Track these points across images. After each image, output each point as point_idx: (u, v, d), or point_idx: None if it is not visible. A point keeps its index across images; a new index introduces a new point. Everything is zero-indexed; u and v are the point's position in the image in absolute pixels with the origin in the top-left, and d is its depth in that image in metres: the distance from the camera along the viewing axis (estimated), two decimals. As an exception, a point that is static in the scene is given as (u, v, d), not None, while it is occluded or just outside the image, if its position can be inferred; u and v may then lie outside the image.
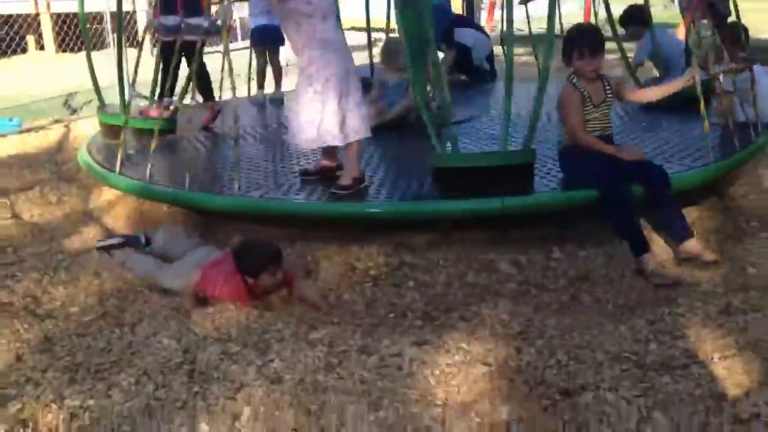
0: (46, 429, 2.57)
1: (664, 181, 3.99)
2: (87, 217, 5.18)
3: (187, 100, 5.41)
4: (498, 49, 9.13)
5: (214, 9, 7.41)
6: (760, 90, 5.20)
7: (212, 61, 6.19)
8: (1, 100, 8.82)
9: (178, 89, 6.05)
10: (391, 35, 7.15)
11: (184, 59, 5.83)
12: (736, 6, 5.83)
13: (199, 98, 6.40)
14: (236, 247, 3.71)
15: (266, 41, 7.67)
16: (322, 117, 4.22)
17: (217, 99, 5.98)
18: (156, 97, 6.33)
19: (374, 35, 8.45)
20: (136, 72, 6.34)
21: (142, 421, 2.59)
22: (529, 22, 8.25)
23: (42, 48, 13.40)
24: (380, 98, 6.09)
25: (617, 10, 7.15)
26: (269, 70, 7.92)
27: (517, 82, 4.68)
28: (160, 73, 6.31)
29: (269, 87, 7.98)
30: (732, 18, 6.08)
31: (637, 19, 7.34)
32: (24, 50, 12.94)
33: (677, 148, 4.91)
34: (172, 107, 6.00)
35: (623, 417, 2.52)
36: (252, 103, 7.61)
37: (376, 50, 7.45)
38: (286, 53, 8.66)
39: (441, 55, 7.13)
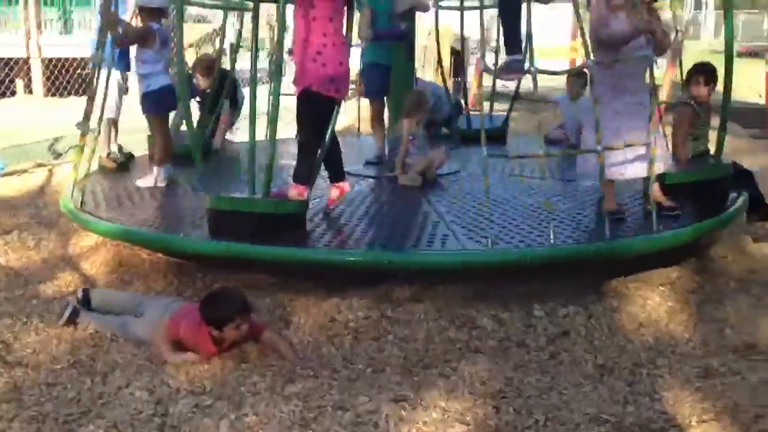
0: (8, 482, 2.50)
1: None
2: (64, 262, 5.11)
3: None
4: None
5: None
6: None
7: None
8: (-13, 143, 8.80)
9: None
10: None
11: None
12: None
13: None
14: (203, 298, 3.65)
15: (171, 106, 5.89)
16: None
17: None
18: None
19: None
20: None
21: (109, 476, 2.52)
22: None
23: (30, 92, 13.44)
24: (414, 152, 5.72)
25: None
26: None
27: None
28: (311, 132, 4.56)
29: None
30: None
31: None
32: (13, 93, 12.98)
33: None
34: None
35: (601, 481, 2.48)
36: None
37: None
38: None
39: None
